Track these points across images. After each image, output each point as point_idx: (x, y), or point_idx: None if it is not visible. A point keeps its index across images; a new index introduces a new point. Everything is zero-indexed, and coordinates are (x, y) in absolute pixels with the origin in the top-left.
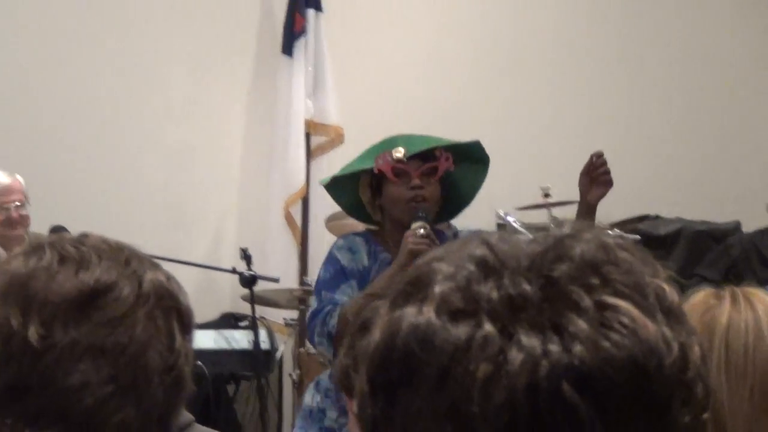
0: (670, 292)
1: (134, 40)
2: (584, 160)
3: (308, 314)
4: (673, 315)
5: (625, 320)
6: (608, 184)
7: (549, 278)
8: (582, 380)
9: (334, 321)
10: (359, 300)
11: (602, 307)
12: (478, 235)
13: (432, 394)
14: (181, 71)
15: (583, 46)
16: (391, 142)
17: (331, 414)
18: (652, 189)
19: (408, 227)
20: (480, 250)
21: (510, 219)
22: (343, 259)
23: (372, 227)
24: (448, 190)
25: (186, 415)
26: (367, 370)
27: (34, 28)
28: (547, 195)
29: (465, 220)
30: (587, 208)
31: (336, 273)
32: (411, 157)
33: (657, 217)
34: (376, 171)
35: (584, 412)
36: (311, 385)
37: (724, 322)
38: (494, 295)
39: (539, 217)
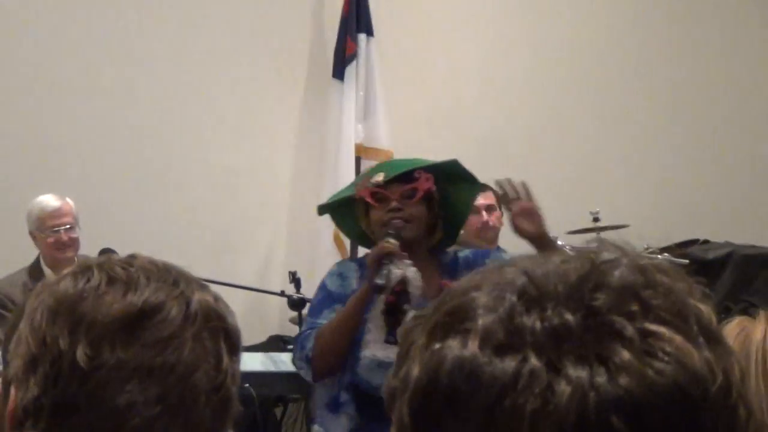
0: (707, 312)
1: (184, 64)
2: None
3: None
4: (712, 337)
5: (669, 348)
6: (533, 212)
7: (590, 308)
8: (630, 412)
9: (310, 344)
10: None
11: (645, 335)
12: (514, 261)
13: (479, 429)
14: (232, 95)
15: (632, 72)
16: (375, 169)
17: None
18: (701, 213)
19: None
20: (519, 279)
21: (560, 243)
22: (332, 285)
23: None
24: (447, 212)
25: None
26: (409, 402)
27: (85, 52)
28: (596, 219)
29: (515, 246)
30: (541, 244)
31: (323, 299)
32: (392, 182)
33: (706, 242)
34: (357, 198)
35: None
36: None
37: (759, 334)
38: (538, 326)
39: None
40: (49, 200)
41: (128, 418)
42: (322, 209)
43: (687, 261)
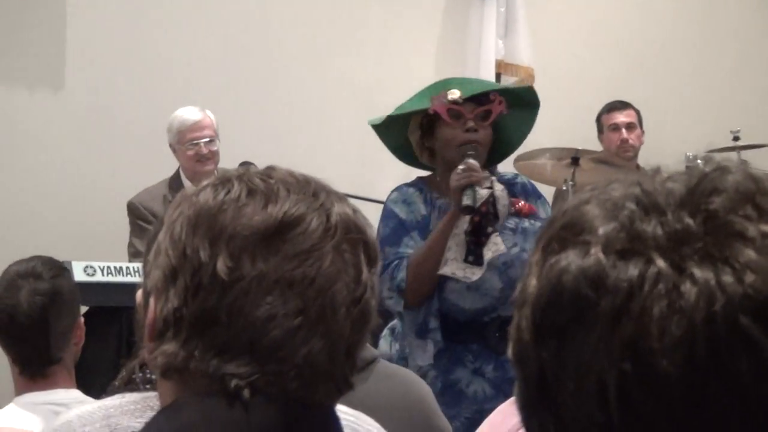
0: None
1: None
2: None
3: None
4: None
5: None
6: None
7: (708, 211)
8: (758, 310)
9: (402, 274)
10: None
11: (765, 235)
12: (622, 175)
13: (607, 334)
14: (374, 11)
15: None
16: (445, 84)
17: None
18: None
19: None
20: (633, 190)
21: (699, 162)
22: (401, 212)
23: (424, 174)
24: (497, 135)
25: (371, 350)
26: (531, 316)
27: None
28: (736, 138)
29: (653, 161)
30: None
31: (396, 227)
32: (465, 100)
33: None
34: (431, 112)
35: (763, 342)
36: (386, 333)
37: None
38: (659, 231)
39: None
40: (190, 113)
41: (268, 330)
42: (383, 124)
43: None
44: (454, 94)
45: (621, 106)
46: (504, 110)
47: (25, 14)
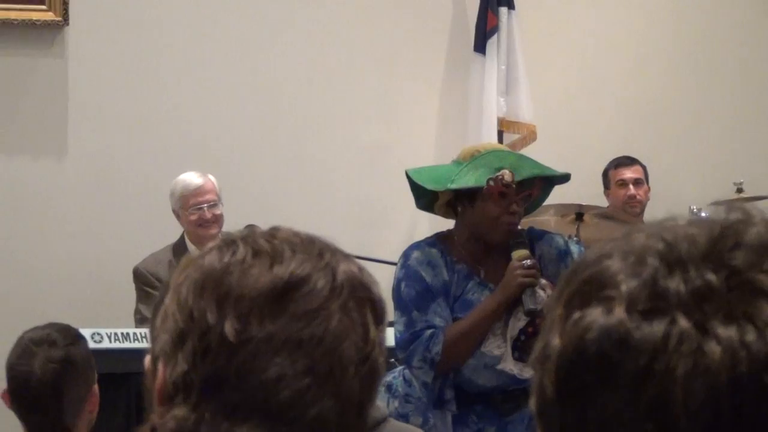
0: None
1: (327, 40)
2: None
3: (401, 334)
4: None
5: None
6: None
7: (731, 267)
8: None
9: (438, 348)
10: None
11: None
12: (642, 227)
13: (630, 395)
14: (374, 70)
15: None
16: (495, 159)
17: (415, 420)
18: None
19: (491, 245)
20: (656, 244)
21: (703, 215)
22: (426, 275)
23: (440, 231)
24: None
25: (381, 409)
26: (554, 373)
27: (228, 34)
28: (740, 190)
29: (658, 215)
30: None
31: (422, 291)
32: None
33: None
34: (484, 191)
35: None
36: (381, 389)
37: None
38: (682, 288)
39: None
40: (192, 178)
41: (278, 390)
42: (422, 185)
43: None
44: (507, 175)
45: (628, 162)
46: (540, 193)
47: (27, 81)
